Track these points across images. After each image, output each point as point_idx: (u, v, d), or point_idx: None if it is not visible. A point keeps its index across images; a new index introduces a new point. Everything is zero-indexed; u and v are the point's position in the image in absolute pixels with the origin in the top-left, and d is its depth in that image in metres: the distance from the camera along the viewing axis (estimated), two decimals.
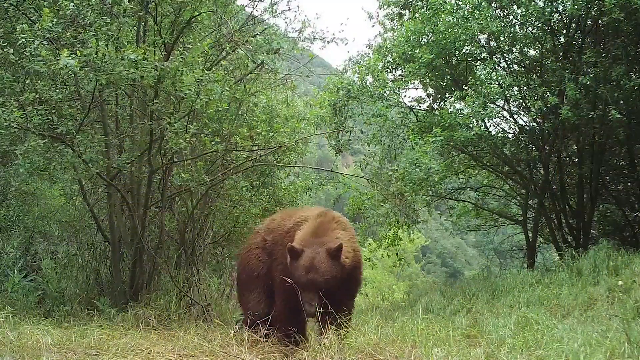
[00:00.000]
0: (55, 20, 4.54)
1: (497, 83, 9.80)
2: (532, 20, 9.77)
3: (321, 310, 4.06)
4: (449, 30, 9.49)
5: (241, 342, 4.35)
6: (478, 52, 10.81)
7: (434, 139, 8.93)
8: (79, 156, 5.03)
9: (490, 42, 10.72)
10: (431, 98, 11.94)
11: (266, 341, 4.51)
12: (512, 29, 10.21)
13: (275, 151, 6.71)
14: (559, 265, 8.44)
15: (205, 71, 5.37)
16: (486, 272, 11.51)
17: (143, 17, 5.67)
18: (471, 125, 9.41)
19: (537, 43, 10.38)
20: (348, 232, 4.51)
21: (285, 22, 9.05)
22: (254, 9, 6.87)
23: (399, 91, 10.61)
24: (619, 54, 9.08)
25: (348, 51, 55.01)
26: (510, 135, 11.88)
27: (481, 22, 9.19)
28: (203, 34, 6.35)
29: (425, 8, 10.32)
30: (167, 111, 5.44)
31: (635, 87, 8.48)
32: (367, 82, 10.43)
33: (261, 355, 4.24)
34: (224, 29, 6.20)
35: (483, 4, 9.48)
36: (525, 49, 10.85)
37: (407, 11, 11.51)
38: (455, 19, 9.63)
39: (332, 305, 4.06)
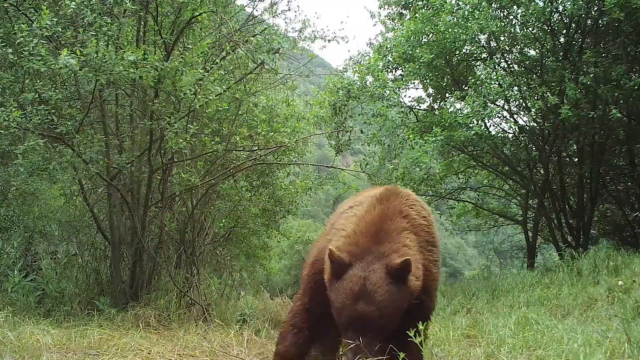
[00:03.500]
0: (55, 19, 4.54)
1: (497, 83, 9.80)
2: (532, 20, 9.78)
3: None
4: (449, 30, 9.49)
5: (241, 343, 4.36)
6: (478, 52, 10.81)
7: (434, 139, 8.94)
8: (78, 156, 5.03)
9: (490, 42, 10.72)
10: (431, 98, 11.95)
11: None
12: (512, 29, 10.22)
13: (275, 151, 6.71)
14: (559, 265, 8.44)
15: (205, 71, 5.37)
16: (486, 272, 11.53)
17: (143, 17, 5.68)
18: (471, 125, 9.41)
19: (537, 43, 10.38)
20: (421, 234, 3.08)
21: (285, 22, 9.06)
22: (254, 9, 6.87)
23: (399, 91, 10.61)
24: (619, 53, 9.08)
25: (348, 50, 55.10)
26: (510, 135, 11.88)
27: (481, 22, 9.20)
28: (203, 34, 6.34)
29: (425, 8, 10.32)
30: (167, 111, 5.44)
31: (636, 87, 8.48)
32: (367, 82, 10.42)
33: (261, 355, 4.24)
34: (224, 29, 6.20)
35: (483, 4, 9.48)
36: (525, 49, 10.85)
37: (407, 11, 11.51)
38: (455, 19, 9.64)
39: (392, 342, 2.79)
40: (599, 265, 7.36)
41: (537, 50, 10.69)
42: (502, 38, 10.49)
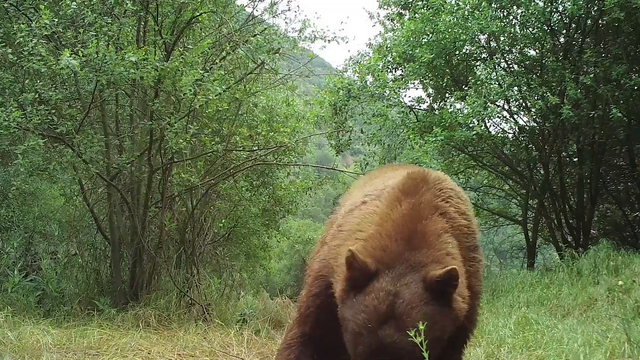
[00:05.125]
0: (55, 20, 4.55)
1: (497, 83, 9.80)
2: (532, 20, 9.77)
3: None
4: (449, 30, 9.49)
5: (241, 343, 4.36)
6: (478, 52, 10.81)
7: (434, 139, 8.94)
8: (78, 156, 5.03)
9: (490, 42, 10.72)
10: (431, 98, 11.95)
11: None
12: (512, 29, 10.21)
13: (275, 151, 6.72)
14: (559, 265, 8.44)
15: (205, 71, 5.38)
16: (486, 272, 11.51)
17: (143, 17, 5.68)
18: (471, 125, 9.41)
19: (537, 43, 10.38)
20: (462, 239, 2.34)
21: (285, 22, 9.07)
22: (254, 9, 6.88)
23: (399, 91, 10.62)
24: (619, 53, 9.08)
25: (348, 50, 55.27)
26: (510, 135, 11.88)
27: (481, 22, 9.20)
28: (203, 34, 6.35)
29: (425, 8, 10.32)
30: (167, 111, 5.45)
31: (636, 87, 8.49)
32: (368, 82, 10.43)
33: (261, 355, 4.25)
34: (224, 29, 6.21)
35: (483, 4, 9.48)
36: (525, 49, 10.85)
37: (407, 11, 11.51)
38: (455, 19, 9.64)
39: None
40: (599, 265, 7.35)
41: (537, 50, 10.69)
42: (502, 38, 10.48)
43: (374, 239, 2.18)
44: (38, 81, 5.00)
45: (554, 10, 9.69)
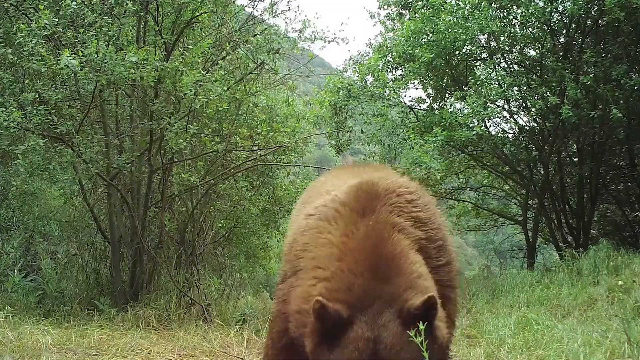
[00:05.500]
0: (55, 20, 4.55)
1: (497, 83, 9.80)
2: (532, 20, 9.78)
3: None
4: (449, 30, 9.49)
5: (241, 343, 4.36)
6: (478, 52, 10.81)
7: (434, 139, 8.93)
8: (78, 156, 5.04)
9: (490, 42, 10.72)
10: (431, 98, 11.94)
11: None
12: (512, 29, 10.21)
13: (275, 151, 6.72)
14: (559, 266, 8.44)
15: (205, 72, 5.38)
16: (486, 272, 11.51)
17: (143, 17, 5.69)
18: (471, 125, 9.41)
19: (537, 43, 10.38)
20: (425, 252, 2.21)
21: (285, 22, 9.06)
22: (254, 9, 6.88)
23: (399, 91, 10.61)
24: (619, 53, 9.09)
25: (349, 50, 55.28)
26: (510, 135, 11.88)
27: (481, 22, 9.19)
28: (203, 34, 6.35)
29: (425, 8, 10.32)
30: (167, 111, 5.45)
31: (636, 87, 8.48)
32: (368, 82, 10.42)
33: (261, 355, 4.24)
34: (224, 29, 6.21)
35: (483, 4, 9.48)
36: (525, 49, 10.85)
37: (407, 11, 11.51)
38: (455, 18, 9.63)
39: None
40: (599, 265, 7.36)
41: (537, 50, 10.69)
42: (502, 38, 10.49)
43: (337, 278, 1.97)
44: (38, 81, 5.00)
45: (554, 10, 9.69)
